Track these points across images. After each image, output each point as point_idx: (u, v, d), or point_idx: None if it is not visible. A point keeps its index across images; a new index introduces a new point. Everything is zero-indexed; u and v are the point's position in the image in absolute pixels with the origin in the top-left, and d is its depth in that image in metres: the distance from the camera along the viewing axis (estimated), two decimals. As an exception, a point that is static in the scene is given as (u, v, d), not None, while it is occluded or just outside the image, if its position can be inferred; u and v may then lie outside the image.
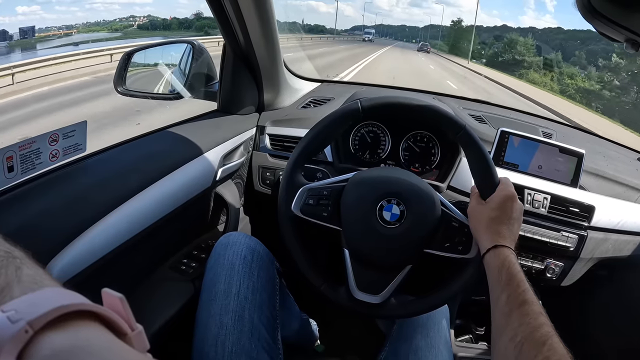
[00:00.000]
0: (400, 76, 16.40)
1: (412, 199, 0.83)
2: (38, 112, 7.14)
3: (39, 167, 0.74)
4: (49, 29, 36.98)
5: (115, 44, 15.67)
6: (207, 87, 1.27)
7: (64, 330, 0.27)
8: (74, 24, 46.01)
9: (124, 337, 0.31)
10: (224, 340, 0.79)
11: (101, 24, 49.14)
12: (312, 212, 0.86)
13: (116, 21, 50.99)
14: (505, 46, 36.81)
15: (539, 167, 1.17)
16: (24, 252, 0.37)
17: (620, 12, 0.47)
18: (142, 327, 0.32)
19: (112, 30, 41.61)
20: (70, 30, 36.55)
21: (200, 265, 1.03)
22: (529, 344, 0.56)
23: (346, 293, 0.86)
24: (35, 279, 0.33)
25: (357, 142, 1.24)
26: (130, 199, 0.82)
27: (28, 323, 0.26)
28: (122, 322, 0.31)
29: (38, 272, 0.34)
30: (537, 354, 0.54)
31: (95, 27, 46.81)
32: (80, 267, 0.70)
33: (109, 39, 23.29)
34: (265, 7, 1.09)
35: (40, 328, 0.26)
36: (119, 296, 0.32)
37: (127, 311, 0.32)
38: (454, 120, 0.86)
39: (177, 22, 33.24)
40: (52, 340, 0.26)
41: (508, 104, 1.76)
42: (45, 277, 0.34)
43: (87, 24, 49.18)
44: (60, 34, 32.17)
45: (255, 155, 1.31)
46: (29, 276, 0.33)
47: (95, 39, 25.33)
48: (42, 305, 0.27)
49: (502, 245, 0.74)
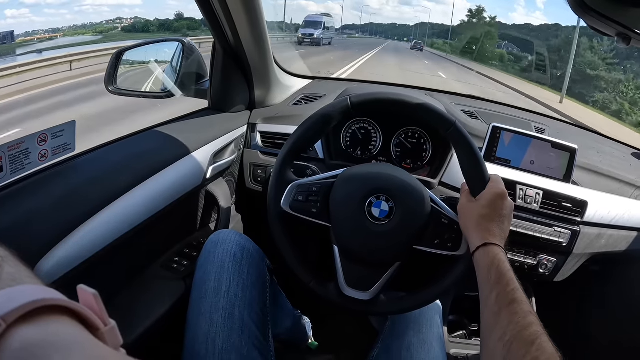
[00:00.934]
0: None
1: (401, 196, 0.83)
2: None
3: (28, 167, 0.74)
4: (35, 32, 36.54)
5: (93, 47, 14.98)
6: (198, 85, 1.27)
7: (35, 324, 0.28)
8: (60, 27, 45.52)
9: (97, 333, 0.32)
10: (214, 337, 0.79)
11: (88, 27, 48.64)
12: (301, 208, 0.86)
13: (102, 23, 50.38)
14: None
15: (531, 162, 1.17)
16: (8, 251, 0.38)
17: (610, 6, 0.48)
18: (115, 322, 0.33)
19: (96, 33, 41.08)
20: (56, 33, 36.13)
21: (191, 263, 1.03)
22: (518, 343, 0.56)
23: (335, 289, 0.86)
24: (14, 277, 0.34)
25: (348, 138, 1.24)
26: (120, 197, 0.82)
27: (1, 317, 0.27)
28: (95, 318, 0.32)
29: (19, 270, 0.35)
30: (526, 354, 0.54)
31: (82, 30, 46.35)
32: (70, 266, 0.71)
33: (89, 43, 22.66)
34: (253, 3, 1.09)
35: (12, 322, 0.27)
36: (92, 292, 0.33)
37: (101, 307, 0.33)
38: (443, 117, 0.86)
39: (158, 24, 32.57)
40: (24, 334, 0.27)
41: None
42: (25, 275, 0.35)
43: (74, 26, 48.66)
44: (46, 37, 31.80)
45: (246, 153, 1.31)
46: (8, 274, 0.34)
47: (78, 42, 24.80)
48: (16, 300, 0.28)
49: (491, 244, 0.74)
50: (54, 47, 20.61)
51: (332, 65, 15.51)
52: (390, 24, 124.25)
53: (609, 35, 0.53)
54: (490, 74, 21.46)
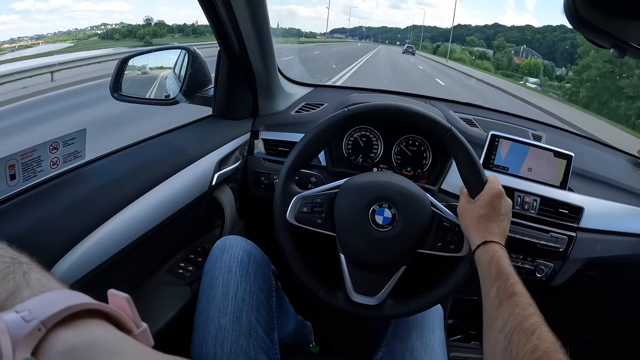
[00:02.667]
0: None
1: (402, 202, 0.86)
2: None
3: (40, 175, 0.74)
4: (20, 39, 35.84)
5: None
6: (202, 92, 1.28)
7: (75, 327, 0.30)
8: (45, 34, 44.60)
9: (130, 334, 0.33)
10: (222, 341, 0.80)
11: (72, 33, 47.90)
12: (306, 219, 0.89)
13: (87, 29, 49.51)
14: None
15: (528, 169, 1.19)
16: (29, 257, 0.39)
17: (606, 20, 0.50)
18: (146, 325, 0.35)
19: (75, 40, 40.38)
20: (39, 40, 35.52)
21: (197, 268, 1.04)
22: (519, 334, 0.58)
23: (344, 296, 0.89)
24: (43, 283, 0.35)
25: (350, 146, 1.26)
26: (129, 205, 0.83)
27: (41, 322, 0.28)
28: (129, 320, 0.33)
29: (45, 275, 0.36)
30: (527, 343, 0.56)
31: (65, 36, 45.55)
32: (80, 274, 0.71)
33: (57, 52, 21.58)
34: (260, 12, 1.11)
35: (52, 326, 0.28)
36: (125, 296, 0.34)
37: (133, 310, 0.34)
38: (440, 123, 0.89)
39: (126, 30, 31.60)
40: (65, 337, 0.28)
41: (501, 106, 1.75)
42: (52, 281, 0.36)
43: (58, 33, 47.85)
44: (29, 44, 31.23)
45: (249, 160, 1.32)
46: (37, 280, 0.35)
47: (45, 52, 23.80)
48: (53, 305, 0.29)
49: (491, 241, 0.76)
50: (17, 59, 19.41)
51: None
52: (381, 27, 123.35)
53: (605, 47, 0.55)
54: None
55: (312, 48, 30.43)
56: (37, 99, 8.06)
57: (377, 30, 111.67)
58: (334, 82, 11.40)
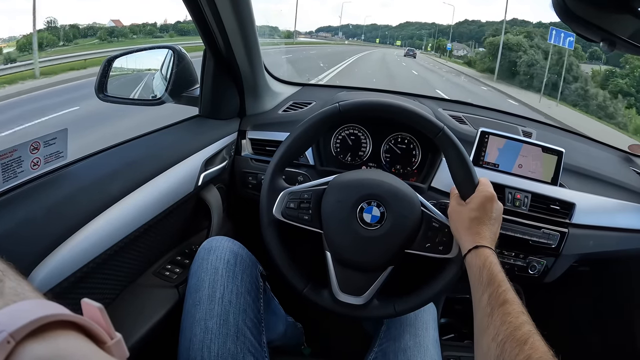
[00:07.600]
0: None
1: (391, 201, 0.85)
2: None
3: (20, 176, 0.73)
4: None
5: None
6: (188, 92, 1.27)
7: (44, 340, 0.29)
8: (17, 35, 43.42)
9: (103, 346, 0.32)
10: (209, 344, 0.79)
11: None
12: (293, 215, 0.87)
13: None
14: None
15: (519, 166, 1.19)
16: (6, 264, 0.38)
17: (595, 13, 0.49)
18: (121, 335, 0.34)
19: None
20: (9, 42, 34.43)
21: (184, 270, 1.03)
22: (511, 343, 0.57)
23: (329, 295, 0.87)
24: (17, 291, 0.34)
25: (338, 144, 1.25)
26: (112, 206, 0.82)
27: (10, 334, 0.27)
28: (101, 331, 0.32)
29: (20, 284, 0.35)
30: (519, 353, 0.55)
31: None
32: (63, 276, 0.70)
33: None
34: (245, 11, 1.09)
35: (21, 338, 0.27)
36: (98, 306, 0.33)
37: (107, 320, 0.33)
38: (432, 122, 0.87)
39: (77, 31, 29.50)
40: (33, 350, 0.27)
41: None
42: (27, 289, 0.35)
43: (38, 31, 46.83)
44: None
45: (237, 160, 1.31)
46: (10, 289, 0.34)
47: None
48: (23, 316, 0.28)
49: (482, 246, 0.75)
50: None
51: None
52: (371, 24, 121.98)
53: (594, 41, 0.54)
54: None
55: (283, 52, 23.25)
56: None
57: (366, 28, 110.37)
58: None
